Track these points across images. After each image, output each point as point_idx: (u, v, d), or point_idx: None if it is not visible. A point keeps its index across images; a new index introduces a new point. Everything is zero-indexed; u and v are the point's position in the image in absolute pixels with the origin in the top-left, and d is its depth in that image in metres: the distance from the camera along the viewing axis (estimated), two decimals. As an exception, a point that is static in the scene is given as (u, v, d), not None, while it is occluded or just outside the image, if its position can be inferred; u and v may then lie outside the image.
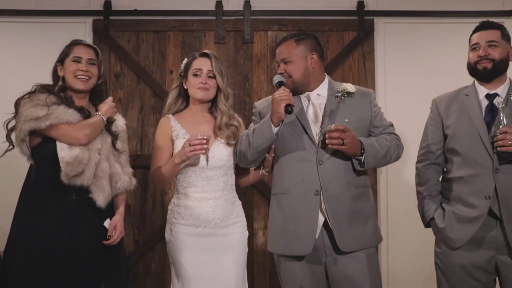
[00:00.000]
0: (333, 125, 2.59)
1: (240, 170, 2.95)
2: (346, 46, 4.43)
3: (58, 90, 2.82)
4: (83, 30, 4.32)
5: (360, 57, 4.43)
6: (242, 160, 2.77)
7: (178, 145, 2.81)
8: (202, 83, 2.83)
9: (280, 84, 2.67)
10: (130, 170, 2.88)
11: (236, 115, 2.95)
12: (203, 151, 2.67)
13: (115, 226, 2.83)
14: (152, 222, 4.27)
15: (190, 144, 2.67)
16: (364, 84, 4.38)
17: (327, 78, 2.82)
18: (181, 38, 4.38)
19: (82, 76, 2.84)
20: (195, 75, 2.86)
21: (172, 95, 2.93)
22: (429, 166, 3.01)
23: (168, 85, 4.36)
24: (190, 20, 4.38)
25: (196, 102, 2.91)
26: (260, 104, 2.85)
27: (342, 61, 4.43)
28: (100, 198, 2.72)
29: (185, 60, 2.94)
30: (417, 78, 4.45)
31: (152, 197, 4.29)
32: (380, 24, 4.46)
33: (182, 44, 4.37)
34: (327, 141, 2.59)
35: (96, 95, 2.92)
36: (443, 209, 2.94)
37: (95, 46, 2.92)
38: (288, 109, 2.55)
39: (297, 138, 2.71)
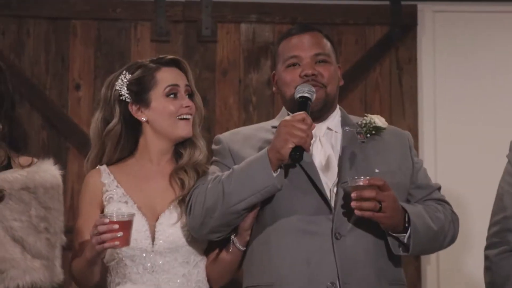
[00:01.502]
0: (363, 177, 2.41)
1: (209, 250, 2.73)
2: (371, 49, 4.13)
3: None
4: None
5: (393, 67, 4.14)
6: (201, 223, 2.53)
7: (110, 213, 2.56)
8: (187, 106, 2.67)
9: (304, 103, 2.51)
10: (48, 253, 2.54)
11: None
12: (118, 243, 2.40)
13: None
14: None
15: (97, 232, 2.44)
16: (400, 112, 4.13)
17: (338, 106, 2.71)
18: (95, 32, 4.08)
19: None
20: (171, 94, 2.67)
21: (111, 141, 2.72)
22: (509, 254, 2.66)
23: (72, 108, 4.08)
24: (110, 2, 4.12)
25: (161, 142, 2.71)
26: (228, 137, 2.70)
27: (363, 74, 4.15)
28: None
29: (129, 75, 2.69)
30: (489, 103, 4.07)
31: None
32: (428, 14, 4.15)
33: (96, 41, 4.06)
34: (354, 203, 2.38)
35: None
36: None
37: None
38: (296, 154, 2.38)
39: (298, 194, 2.51)
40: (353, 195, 2.39)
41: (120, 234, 2.41)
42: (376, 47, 4.11)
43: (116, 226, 2.41)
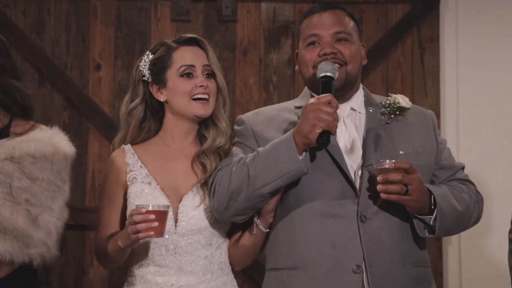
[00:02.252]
0: (388, 160, 2.42)
1: (232, 232, 2.76)
2: (392, 28, 4.14)
3: None
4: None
5: (415, 46, 4.15)
6: (226, 206, 2.56)
7: (133, 194, 2.67)
8: (202, 86, 2.67)
9: (327, 83, 2.51)
10: (25, 225, 2.56)
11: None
12: (152, 234, 2.47)
13: None
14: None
15: (132, 221, 2.50)
16: (422, 91, 4.11)
17: (361, 86, 2.73)
18: (115, 11, 4.08)
19: None
20: (186, 75, 2.70)
21: (134, 120, 2.77)
22: None
23: (92, 88, 4.10)
24: (131, -19, 4.29)
25: (181, 123, 2.76)
26: (251, 118, 2.71)
27: (385, 53, 4.16)
28: None
29: (151, 55, 2.76)
30: None
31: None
32: (450, -10, 4.25)
33: (116, 21, 4.07)
34: (380, 186, 2.39)
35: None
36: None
37: None
38: (323, 138, 2.40)
39: (323, 177, 2.53)
40: (379, 178, 2.40)
41: (155, 224, 2.45)
42: (398, 25, 4.10)
43: (152, 216, 2.44)
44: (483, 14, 4.14)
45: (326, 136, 2.40)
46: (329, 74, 2.50)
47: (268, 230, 2.64)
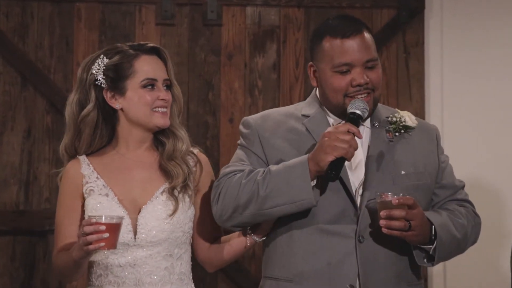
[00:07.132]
0: (391, 194, 2.43)
1: (206, 237, 2.79)
2: (378, 33, 4.11)
3: None
4: None
5: (400, 51, 4.24)
6: (229, 217, 2.60)
7: (90, 207, 2.68)
8: (163, 99, 2.71)
9: (355, 120, 2.54)
10: None
11: (196, 150, 2.79)
12: (103, 245, 2.47)
13: None
14: None
15: (83, 233, 2.52)
16: (407, 96, 4.16)
17: None
18: (99, 15, 4.12)
19: None
20: (148, 86, 2.72)
21: (87, 128, 2.75)
22: None
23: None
24: (115, -16, 4.26)
25: (136, 131, 2.78)
26: (259, 123, 2.73)
27: None
28: None
29: (106, 59, 2.74)
30: (498, 88, 4.06)
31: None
32: (435, -4, 4.26)
33: (100, 25, 4.12)
34: (382, 222, 2.41)
35: None
36: None
37: None
38: (332, 173, 2.44)
39: (326, 191, 2.57)
40: (382, 213, 2.42)
41: (106, 235, 2.47)
42: (383, 30, 4.16)
43: (103, 228, 2.46)
44: (467, 19, 4.20)
45: (336, 172, 2.44)
46: (358, 112, 2.54)
47: (260, 240, 2.67)
